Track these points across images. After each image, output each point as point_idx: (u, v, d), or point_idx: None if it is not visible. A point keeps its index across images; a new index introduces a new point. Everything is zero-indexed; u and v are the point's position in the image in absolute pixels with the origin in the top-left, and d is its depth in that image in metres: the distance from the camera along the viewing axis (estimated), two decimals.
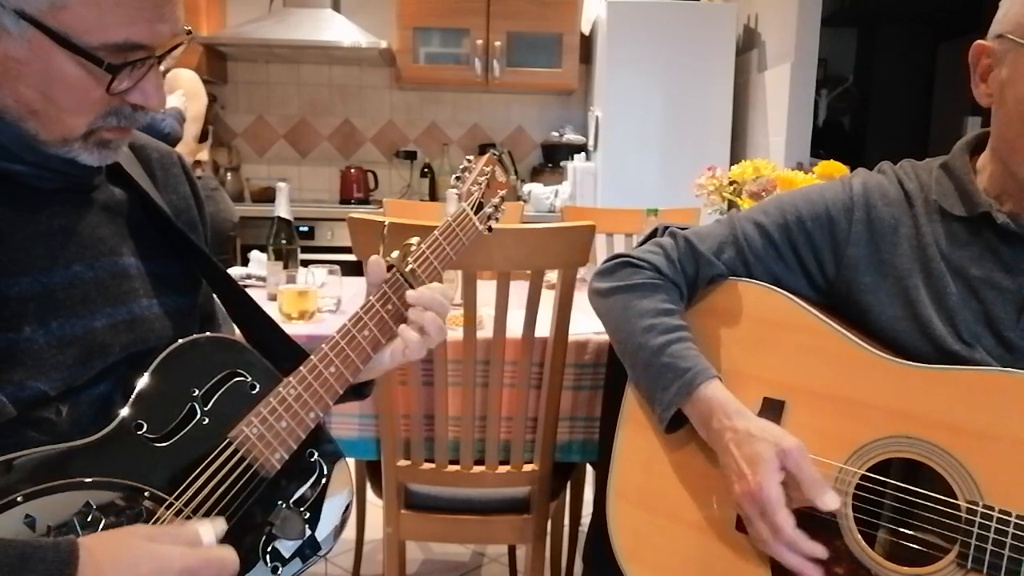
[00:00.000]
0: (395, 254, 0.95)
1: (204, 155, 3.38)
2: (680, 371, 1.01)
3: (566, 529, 1.91)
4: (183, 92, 3.05)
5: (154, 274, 0.86)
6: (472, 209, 1.03)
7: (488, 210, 1.06)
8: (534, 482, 1.52)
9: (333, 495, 0.87)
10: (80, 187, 0.81)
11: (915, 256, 0.98)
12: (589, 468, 1.96)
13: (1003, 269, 0.94)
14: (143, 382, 0.76)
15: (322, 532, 0.85)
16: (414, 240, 0.97)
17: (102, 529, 0.69)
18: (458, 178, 1.06)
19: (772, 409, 0.99)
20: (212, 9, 4.03)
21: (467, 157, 1.10)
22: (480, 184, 1.05)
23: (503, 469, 1.50)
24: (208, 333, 0.83)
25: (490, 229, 1.08)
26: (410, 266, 0.94)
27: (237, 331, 0.98)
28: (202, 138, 3.29)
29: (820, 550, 0.90)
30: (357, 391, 0.93)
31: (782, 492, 0.90)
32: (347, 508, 0.89)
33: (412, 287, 0.93)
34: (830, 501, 0.89)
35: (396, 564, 1.58)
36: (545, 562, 1.62)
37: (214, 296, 0.99)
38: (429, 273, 0.96)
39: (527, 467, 1.51)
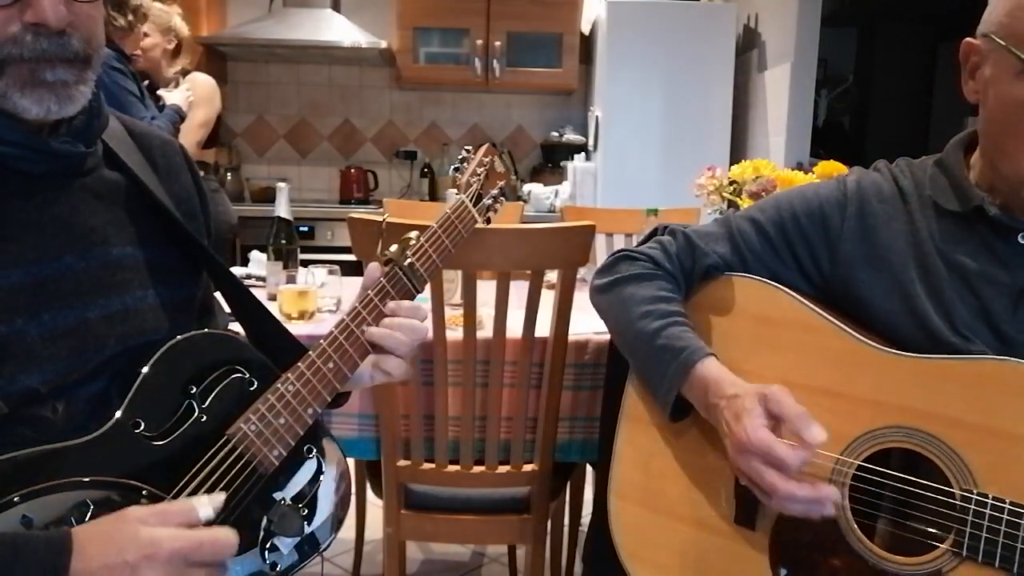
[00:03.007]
0: (393, 248, 0.94)
1: (209, 157, 3.34)
2: (676, 351, 1.01)
3: (566, 529, 1.91)
4: (188, 88, 2.98)
5: (150, 264, 0.84)
6: (471, 200, 1.03)
7: (487, 201, 1.06)
8: (534, 482, 1.51)
9: (331, 491, 0.87)
10: (71, 171, 0.79)
11: (910, 251, 0.99)
12: (589, 468, 1.96)
13: (998, 263, 0.94)
14: (140, 379, 0.76)
15: (320, 528, 0.85)
16: (413, 234, 0.96)
17: None
18: (457, 169, 1.06)
19: None
20: (212, 9, 4.03)
21: (465, 147, 1.09)
22: (479, 175, 1.05)
23: (503, 469, 1.50)
24: (206, 329, 0.83)
25: (488, 221, 1.07)
26: (408, 260, 0.93)
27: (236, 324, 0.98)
28: (210, 144, 3.23)
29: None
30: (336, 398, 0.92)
31: (769, 431, 0.88)
32: (345, 505, 0.88)
33: (411, 282, 0.93)
34: (817, 434, 0.85)
35: (396, 564, 1.58)
36: (545, 562, 1.62)
37: (211, 288, 0.99)
38: (428, 267, 0.95)
39: (527, 467, 1.50)
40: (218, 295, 0.99)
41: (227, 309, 0.98)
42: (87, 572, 0.62)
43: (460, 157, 1.06)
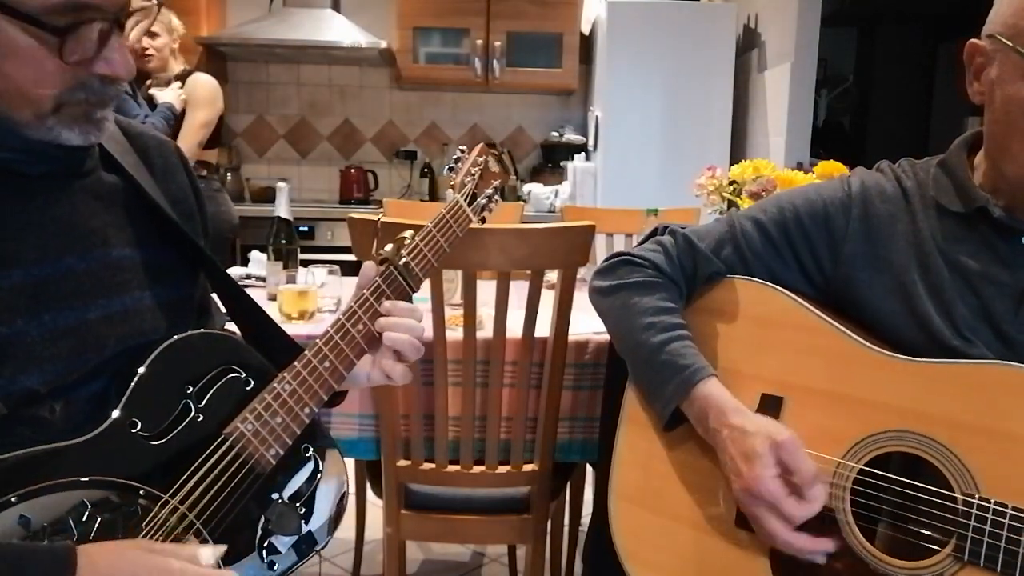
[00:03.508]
0: (389, 247, 0.94)
1: (210, 157, 3.33)
2: (678, 369, 1.01)
3: (566, 529, 1.91)
4: (180, 86, 2.96)
5: (147, 265, 0.85)
6: (465, 200, 1.03)
7: (482, 201, 1.06)
8: (534, 482, 1.51)
9: (328, 490, 0.87)
10: (70, 172, 0.79)
11: (912, 252, 0.98)
12: (589, 468, 1.96)
13: (1000, 264, 0.94)
14: (136, 380, 0.76)
15: (318, 527, 0.85)
16: (408, 233, 0.96)
17: (97, 528, 0.69)
18: (451, 169, 1.06)
19: (770, 406, 0.99)
20: (212, 9, 4.03)
21: (460, 147, 1.10)
22: (473, 175, 1.05)
23: (503, 469, 1.50)
24: (202, 329, 0.83)
25: (483, 220, 1.08)
26: (404, 259, 0.93)
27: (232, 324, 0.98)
28: (212, 145, 3.22)
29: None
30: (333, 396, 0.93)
31: (781, 484, 0.90)
32: (342, 503, 0.88)
33: (406, 281, 0.93)
34: (819, 494, 0.89)
35: (396, 564, 1.58)
36: (545, 562, 1.62)
37: (209, 289, 0.99)
38: (423, 266, 0.95)
39: (527, 467, 1.50)
40: (214, 296, 0.99)
41: (223, 309, 0.98)
42: None
43: (455, 157, 1.07)
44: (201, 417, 0.78)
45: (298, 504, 0.84)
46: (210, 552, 0.71)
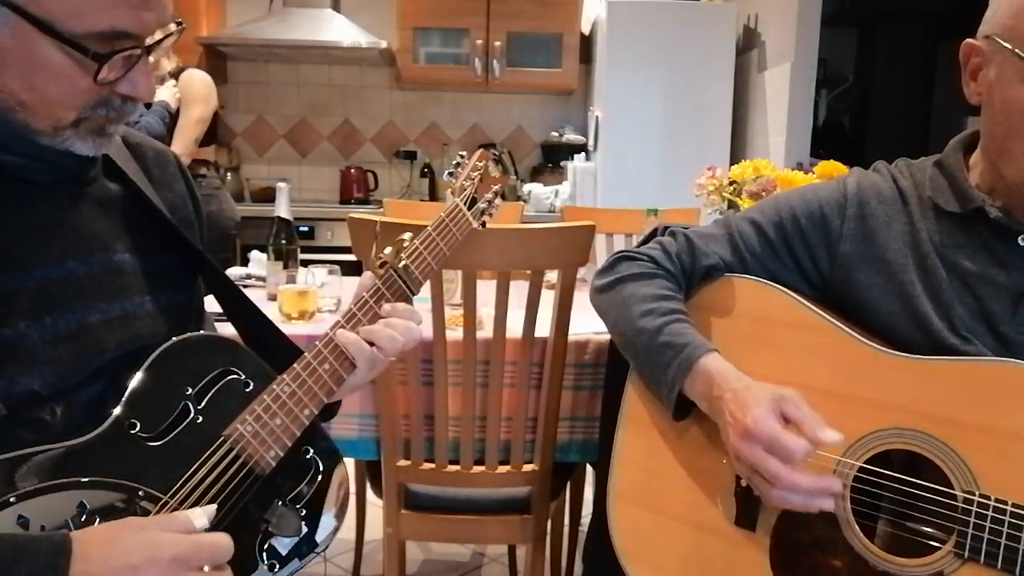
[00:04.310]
0: (388, 250, 0.94)
1: (209, 156, 3.32)
2: (678, 347, 1.01)
3: (566, 529, 1.91)
4: (175, 84, 2.96)
5: (148, 270, 0.85)
6: (465, 204, 1.03)
7: (481, 205, 1.07)
8: (534, 482, 1.51)
9: (329, 492, 0.87)
10: (75, 180, 0.80)
11: (910, 252, 0.98)
12: (589, 468, 1.96)
13: (997, 264, 0.94)
14: (136, 381, 0.76)
15: (318, 529, 0.85)
16: (407, 236, 0.97)
17: None
18: (451, 174, 1.07)
19: None
20: (212, 9, 4.03)
21: (460, 153, 1.10)
22: (473, 179, 1.06)
23: (503, 469, 1.50)
24: (201, 332, 0.83)
25: (483, 225, 1.08)
26: (403, 262, 0.94)
27: (230, 328, 0.98)
28: (209, 141, 3.22)
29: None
30: (326, 410, 0.93)
31: (778, 424, 0.88)
32: (343, 505, 0.88)
33: (406, 284, 0.93)
34: (831, 435, 0.86)
35: (396, 564, 1.58)
36: (545, 562, 1.62)
37: (203, 293, 0.99)
38: (422, 269, 0.95)
39: (527, 467, 1.50)
40: (209, 299, 0.99)
41: (221, 312, 0.98)
42: (90, 574, 0.63)
43: (454, 163, 1.07)
44: (200, 418, 0.78)
45: (299, 506, 0.84)
46: (201, 514, 0.71)
